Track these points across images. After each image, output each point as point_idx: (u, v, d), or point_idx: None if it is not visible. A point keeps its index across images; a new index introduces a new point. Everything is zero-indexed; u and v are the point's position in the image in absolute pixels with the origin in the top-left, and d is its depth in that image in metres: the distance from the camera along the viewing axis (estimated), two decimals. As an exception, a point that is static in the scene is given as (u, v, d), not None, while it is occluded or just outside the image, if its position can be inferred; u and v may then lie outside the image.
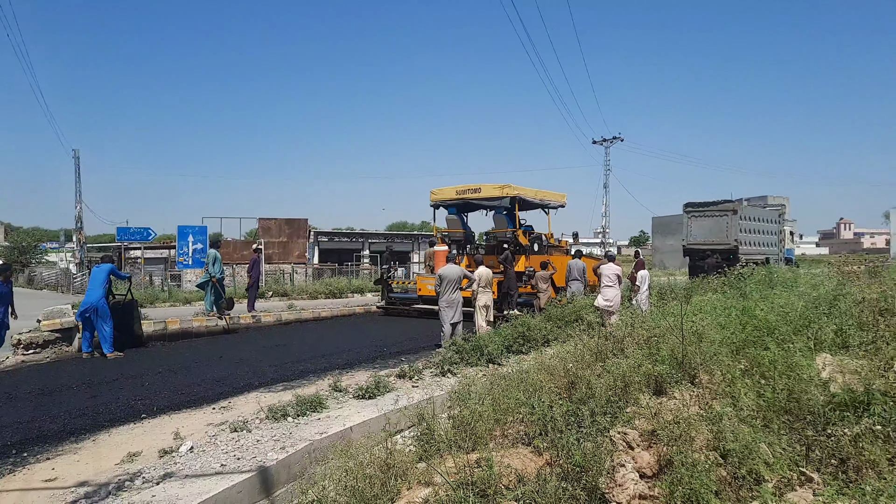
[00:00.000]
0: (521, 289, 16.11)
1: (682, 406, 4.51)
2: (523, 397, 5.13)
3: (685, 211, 25.64)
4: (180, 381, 8.64)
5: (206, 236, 21.21)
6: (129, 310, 11.83)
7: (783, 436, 4.12)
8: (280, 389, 8.07)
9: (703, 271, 18.96)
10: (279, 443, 5.62)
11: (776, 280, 11.17)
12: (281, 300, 20.83)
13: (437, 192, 18.87)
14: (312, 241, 42.07)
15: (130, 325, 11.81)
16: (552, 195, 19.35)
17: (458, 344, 9.64)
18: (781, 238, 28.43)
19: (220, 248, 15.55)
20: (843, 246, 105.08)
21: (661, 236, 57.56)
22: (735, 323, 6.71)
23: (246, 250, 30.52)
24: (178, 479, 4.80)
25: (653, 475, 3.92)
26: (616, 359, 5.96)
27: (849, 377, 4.74)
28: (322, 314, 17.79)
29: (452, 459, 4.02)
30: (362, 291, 24.91)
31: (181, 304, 18.78)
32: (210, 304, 14.94)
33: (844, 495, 3.42)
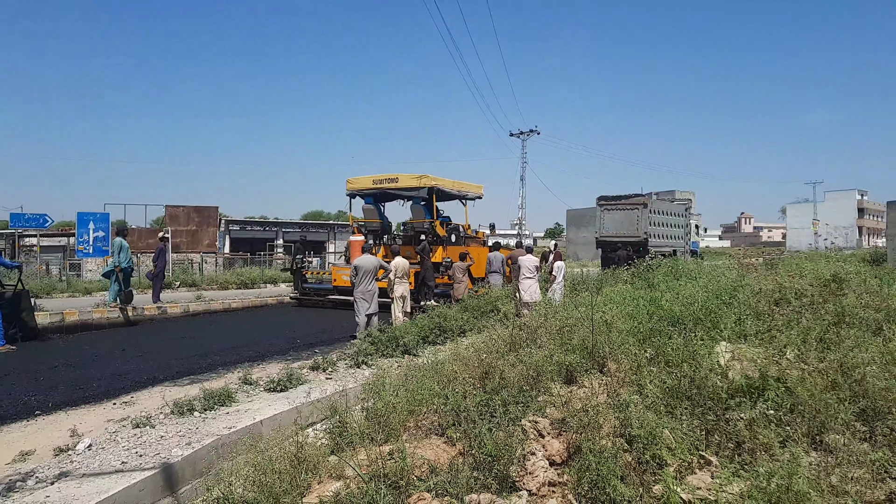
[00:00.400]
0: (438, 279, 16.17)
1: (591, 394, 4.63)
2: (438, 388, 5.14)
3: (598, 204, 26.33)
4: (78, 376, 8.24)
5: (109, 224, 20.17)
6: (19, 301, 11.16)
7: (685, 421, 4.29)
8: (186, 383, 7.81)
9: (615, 263, 19.53)
10: (185, 438, 5.44)
11: (682, 272, 11.62)
12: (189, 290, 20.13)
13: (353, 182, 18.66)
14: (223, 230, 40.92)
15: (21, 317, 11.14)
16: (470, 186, 19.50)
17: (373, 335, 9.59)
18: (688, 231, 29.62)
19: (127, 236, 14.88)
20: (743, 239, 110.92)
21: (575, 228, 59.02)
22: (642, 313, 6.93)
23: (152, 238, 29.28)
24: (75, 478, 4.57)
25: (562, 462, 4.00)
26: (529, 349, 6.05)
27: (746, 364, 4.97)
28: (233, 305, 17.35)
29: (365, 452, 3.98)
30: (276, 282, 24.43)
31: (81, 295, 17.87)
32: (114, 294, 14.31)
33: (740, 477, 3.59)
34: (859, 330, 6.00)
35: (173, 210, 33.93)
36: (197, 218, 34.34)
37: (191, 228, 33.92)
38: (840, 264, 8.72)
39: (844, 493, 3.43)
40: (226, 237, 42.25)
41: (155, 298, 15.92)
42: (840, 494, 3.40)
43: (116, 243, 14.44)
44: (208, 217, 34.98)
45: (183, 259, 30.80)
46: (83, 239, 19.68)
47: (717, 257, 29.10)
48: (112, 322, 13.71)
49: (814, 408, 4.25)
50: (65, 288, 18.65)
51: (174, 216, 33.71)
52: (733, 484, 3.50)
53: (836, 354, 5.10)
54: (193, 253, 32.72)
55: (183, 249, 32.37)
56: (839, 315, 6.50)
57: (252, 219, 50.42)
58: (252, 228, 46.37)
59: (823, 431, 4.14)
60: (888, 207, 27.08)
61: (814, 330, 5.98)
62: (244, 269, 27.92)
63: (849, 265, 8.85)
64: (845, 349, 5.19)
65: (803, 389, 4.40)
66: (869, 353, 5.05)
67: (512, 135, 55.23)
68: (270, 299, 18.91)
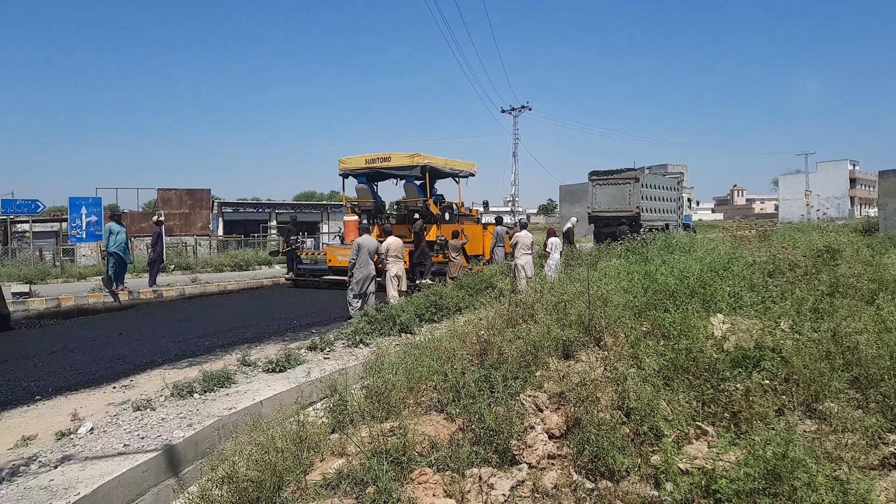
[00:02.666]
0: (434, 258, 16.19)
1: (588, 368, 4.67)
2: (436, 365, 5.18)
3: (590, 179, 26.28)
4: (77, 360, 8.25)
5: (101, 208, 20.10)
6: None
7: (682, 393, 4.34)
8: (185, 366, 7.83)
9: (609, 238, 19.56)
10: (186, 420, 5.48)
11: (675, 245, 11.66)
12: (184, 274, 20.12)
13: (345, 161, 18.58)
14: (216, 213, 40.79)
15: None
16: (462, 164, 19.43)
17: (370, 314, 9.62)
18: (680, 205, 29.68)
19: (121, 220, 14.84)
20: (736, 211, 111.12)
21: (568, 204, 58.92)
22: (638, 287, 6.98)
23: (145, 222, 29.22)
24: (78, 461, 4.60)
25: (561, 435, 4.05)
26: (526, 324, 6.09)
27: (741, 335, 5.03)
28: (228, 287, 17.36)
29: (366, 429, 4.02)
30: (270, 263, 24.43)
31: (75, 280, 17.85)
32: (117, 277, 14.34)
33: (736, 446, 3.65)
34: (852, 299, 6.07)
35: (165, 193, 33.76)
36: (189, 201, 34.20)
37: (183, 211, 33.79)
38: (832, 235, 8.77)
39: (839, 459, 3.49)
40: (219, 219, 42.12)
41: (151, 282, 15.92)
42: (835, 461, 3.45)
43: (105, 228, 14.46)
44: (201, 200, 34.84)
45: (177, 242, 30.70)
46: (76, 224, 19.59)
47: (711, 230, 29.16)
48: (108, 307, 13.70)
49: (808, 377, 4.31)
50: (59, 273, 18.62)
51: (166, 199, 33.55)
52: (730, 453, 3.55)
53: (830, 324, 5.15)
54: (187, 236, 32.63)
55: (176, 233, 32.28)
56: (832, 285, 6.57)
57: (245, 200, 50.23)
58: (245, 210, 46.23)
59: (818, 400, 4.20)
60: (880, 177, 27.06)
61: (808, 300, 6.04)
62: (238, 251, 27.89)
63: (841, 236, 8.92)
64: (839, 319, 5.25)
65: (798, 359, 4.45)
66: (862, 322, 5.10)
67: (503, 111, 55.03)
68: (266, 281, 18.91)
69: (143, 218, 31.19)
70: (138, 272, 18.44)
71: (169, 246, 26.74)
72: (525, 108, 54.01)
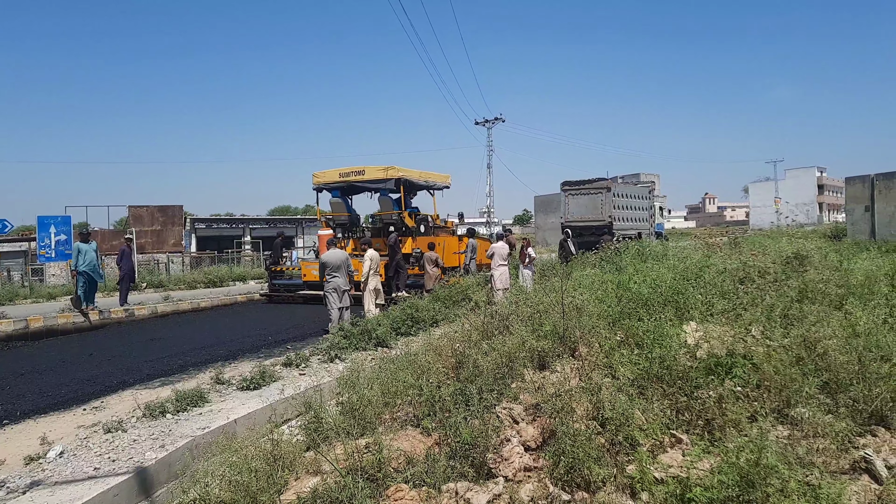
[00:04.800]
0: (410, 270, 16.16)
1: (563, 379, 4.69)
2: (412, 379, 5.16)
3: (562, 189, 26.41)
4: (46, 383, 8.08)
5: (71, 227, 19.79)
6: None
7: (656, 402, 4.37)
8: (157, 385, 7.71)
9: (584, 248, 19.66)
10: (158, 441, 5.39)
11: (648, 254, 11.77)
12: (156, 291, 19.84)
13: (319, 175, 18.53)
14: (189, 229, 40.39)
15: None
16: (437, 176, 19.47)
17: (346, 329, 9.56)
18: (652, 213, 29.92)
19: (90, 239, 14.64)
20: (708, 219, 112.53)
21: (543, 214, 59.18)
22: (612, 296, 7.02)
23: (115, 240, 28.78)
24: (47, 486, 4.51)
25: (537, 447, 4.05)
26: (502, 336, 6.09)
27: (713, 343, 5.08)
28: (202, 304, 17.14)
29: (341, 446, 3.99)
30: (244, 279, 24.21)
31: (45, 300, 17.52)
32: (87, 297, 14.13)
33: (710, 453, 3.68)
34: (821, 305, 6.16)
35: (137, 210, 33.33)
36: (161, 217, 33.78)
37: (155, 228, 33.36)
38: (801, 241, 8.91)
39: (811, 464, 3.53)
40: (192, 236, 41.70)
41: (122, 301, 15.67)
42: (807, 466, 3.50)
43: (74, 247, 14.32)
44: (173, 216, 34.43)
45: (149, 260, 30.30)
46: (45, 243, 19.27)
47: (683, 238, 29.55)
48: (78, 327, 13.45)
49: (779, 383, 4.36)
50: (28, 294, 18.27)
51: (138, 216, 33.12)
52: (704, 460, 3.58)
53: (800, 330, 5.22)
54: (159, 253, 32.20)
55: (148, 250, 31.84)
56: (802, 291, 6.66)
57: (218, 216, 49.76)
58: (218, 226, 45.81)
59: (789, 405, 4.25)
60: (846, 183, 27.65)
61: (777, 307, 6.12)
62: (212, 267, 27.61)
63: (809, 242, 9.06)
64: (808, 324, 5.32)
65: (769, 365, 4.50)
66: (831, 327, 5.18)
67: (477, 123, 55.26)
68: (240, 297, 18.71)
69: (114, 236, 30.73)
70: (109, 291, 18.16)
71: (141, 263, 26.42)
72: (499, 119, 54.32)
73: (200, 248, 41.02)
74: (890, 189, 24.87)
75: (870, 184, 25.66)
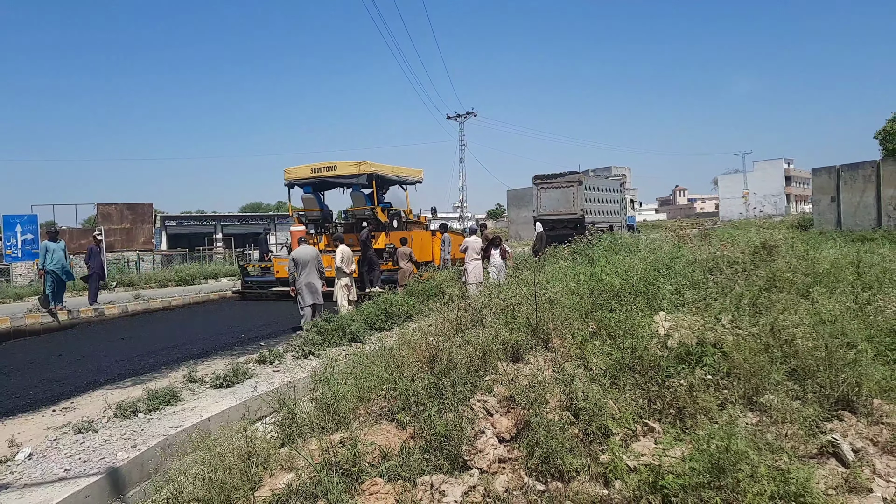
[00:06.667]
0: (383, 265, 16.13)
1: (537, 370, 4.71)
2: (386, 374, 5.16)
3: (534, 183, 26.50)
4: (14, 384, 7.94)
5: (38, 225, 19.46)
6: None
7: (628, 391, 4.42)
8: (129, 385, 7.61)
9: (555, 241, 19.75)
10: (130, 441, 5.33)
11: (620, 246, 11.86)
12: (126, 290, 19.53)
13: (291, 171, 18.41)
14: (159, 227, 39.89)
15: None
16: (409, 171, 19.46)
17: (319, 325, 9.51)
18: (623, 206, 30.18)
19: (58, 238, 14.40)
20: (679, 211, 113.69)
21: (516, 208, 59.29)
22: (584, 288, 7.07)
23: (84, 239, 28.26)
24: (16, 489, 4.43)
25: (511, 438, 4.07)
26: (475, 329, 6.10)
27: (683, 332, 5.13)
28: (173, 303, 16.96)
29: (316, 442, 3.97)
30: (216, 276, 23.97)
31: (11, 301, 17.16)
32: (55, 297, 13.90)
33: (682, 441, 3.72)
34: (788, 294, 6.26)
35: (105, 208, 32.81)
36: (131, 215, 33.31)
37: (125, 227, 32.88)
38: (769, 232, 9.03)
39: (780, 449, 3.59)
40: (162, 234, 41.19)
41: (91, 300, 15.42)
42: (776, 451, 3.56)
43: (41, 246, 14.13)
44: (142, 214, 33.97)
45: (118, 258, 29.80)
46: (10, 242, 18.93)
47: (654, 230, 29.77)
48: (47, 327, 13.23)
49: (749, 370, 4.43)
50: (-7, 294, 17.86)
51: (106, 215, 32.60)
52: (676, 448, 3.63)
53: (768, 318, 5.30)
54: (129, 251, 31.71)
55: (118, 248, 31.36)
56: (770, 280, 6.76)
57: (189, 213, 49.21)
58: (189, 223, 45.34)
59: (758, 392, 4.32)
60: (813, 174, 28.11)
61: (746, 296, 6.21)
62: (183, 265, 27.29)
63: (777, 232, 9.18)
64: (776, 312, 5.41)
65: (738, 353, 4.57)
66: (798, 315, 5.27)
67: (449, 118, 55.31)
68: (212, 295, 18.54)
69: (82, 234, 30.19)
70: (78, 290, 17.85)
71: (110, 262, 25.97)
72: (470, 114, 54.42)
73: (171, 245, 40.53)
74: (855, 180, 25.37)
75: (836, 175, 26.14)
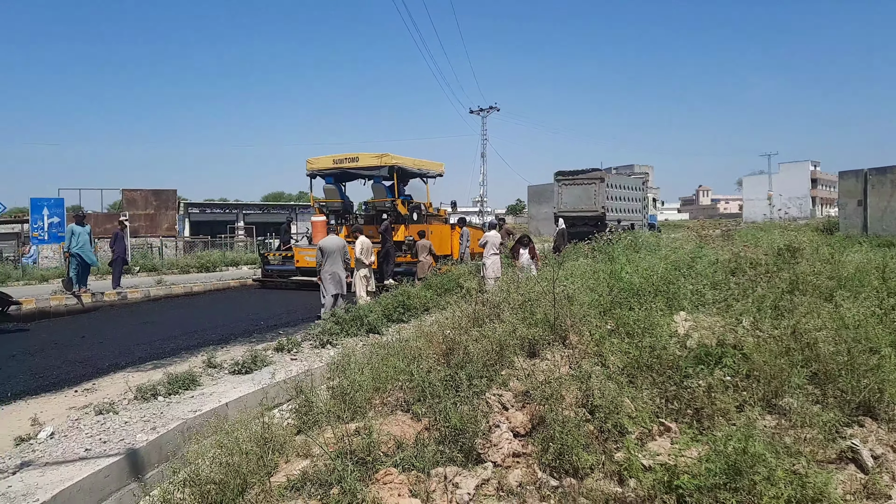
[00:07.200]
0: (402, 258, 16.17)
1: (553, 367, 4.70)
2: (402, 365, 5.17)
3: (556, 179, 26.43)
4: (38, 364, 8.08)
5: (64, 209, 19.75)
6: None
7: (645, 390, 4.39)
8: (149, 368, 7.71)
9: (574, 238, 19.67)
10: (149, 423, 5.39)
11: (640, 245, 11.79)
12: (149, 275, 19.77)
13: (313, 162, 18.48)
14: (182, 213, 40.26)
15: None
16: (430, 164, 19.46)
17: (338, 315, 9.57)
18: (645, 205, 30.00)
19: (84, 222, 14.61)
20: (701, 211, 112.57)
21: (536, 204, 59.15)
22: (603, 286, 7.04)
23: (109, 224, 28.62)
24: (38, 466, 4.50)
25: (526, 433, 4.07)
26: (493, 323, 6.10)
27: (703, 333, 5.09)
28: (194, 289, 17.13)
29: (331, 430, 3.99)
30: (237, 264, 24.18)
31: (37, 282, 17.43)
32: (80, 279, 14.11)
33: (698, 442, 3.70)
34: (812, 297, 6.18)
35: (130, 194, 33.19)
36: (155, 202, 33.67)
37: (149, 212, 33.25)
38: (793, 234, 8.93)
39: (798, 453, 3.55)
40: (185, 220, 41.57)
41: (115, 284, 15.63)
42: (794, 455, 3.52)
43: (67, 229, 14.29)
44: (167, 200, 34.32)
45: (142, 244, 30.19)
46: (37, 225, 19.23)
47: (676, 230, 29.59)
48: (71, 309, 13.42)
49: (768, 373, 4.38)
50: (20, 276, 18.16)
51: (131, 200, 32.98)
52: (692, 448, 3.60)
53: (790, 321, 5.24)
54: (153, 237, 32.11)
55: (142, 234, 31.74)
56: (792, 283, 6.68)
57: (211, 201, 49.59)
58: (212, 211, 45.72)
59: (778, 395, 4.28)
60: (840, 177, 27.66)
61: (768, 298, 6.14)
62: (205, 252, 27.56)
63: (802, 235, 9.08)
64: (798, 316, 5.34)
65: (758, 355, 4.52)
66: (821, 318, 5.20)
67: (472, 112, 55.15)
68: (233, 282, 18.70)
69: (107, 219, 30.58)
70: (102, 274, 18.09)
71: (134, 247, 26.33)
72: (493, 108, 54.21)
73: (194, 232, 40.91)
74: (883, 184, 24.90)
75: (863, 178, 25.68)
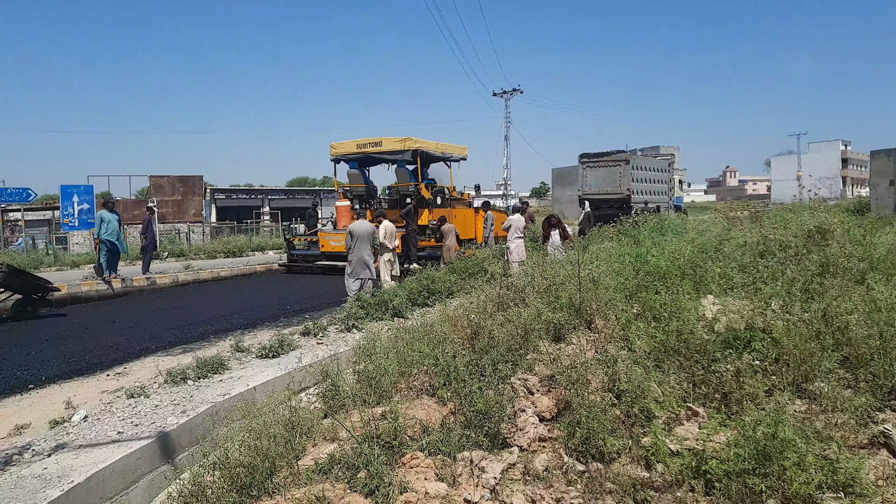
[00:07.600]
0: (423, 242, 16.19)
1: (579, 351, 4.68)
2: (427, 349, 5.18)
3: (580, 162, 26.21)
4: (70, 349, 8.22)
5: (93, 196, 20.03)
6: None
7: (672, 375, 4.36)
8: (179, 352, 7.81)
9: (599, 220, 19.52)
10: (179, 407, 5.47)
11: (667, 227, 11.67)
12: (177, 261, 20.06)
13: (337, 147, 18.51)
14: (209, 199, 40.61)
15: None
16: (454, 148, 19.38)
17: (363, 299, 9.61)
18: (671, 186, 29.65)
19: (114, 209, 14.82)
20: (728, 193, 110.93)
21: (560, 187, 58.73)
22: (629, 269, 6.98)
23: (137, 210, 29.02)
24: (72, 449, 4.59)
25: (552, 418, 4.06)
26: (517, 308, 6.08)
27: (731, 317, 5.03)
28: (221, 274, 17.32)
29: (358, 414, 4.02)
30: (263, 249, 24.39)
31: (68, 268, 17.76)
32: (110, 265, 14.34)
33: (726, 427, 3.67)
34: (843, 280, 6.07)
35: (158, 180, 33.56)
36: (182, 188, 34.01)
37: (176, 198, 33.60)
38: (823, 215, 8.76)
39: (829, 438, 3.51)
40: (212, 206, 41.93)
41: (144, 269, 15.87)
42: (824, 440, 3.48)
43: (97, 216, 14.52)
44: (193, 186, 34.65)
45: (170, 229, 30.55)
46: (68, 212, 19.53)
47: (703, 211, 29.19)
48: (101, 294, 13.66)
49: (798, 357, 4.32)
50: (52, 262, 18.50)
51: (159, 186, 33.36)
52: (720, 433, 3.57)
53: (820, 304, 5.16)
54: (180, 223, 32.47)
55: (169, 220, 32.12)
56: (823, 265, 6.56)
57: (237, 187, 50.06)
58: (238, 197, 46.06)
59: (808, 380, 4.22)
60: (871, 157, 27.10)
61: (798, 281, 6.04)
62: (231, 237, 27.83)
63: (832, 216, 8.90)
64: (829, 299, 5.25)
65: (788, 339, 4.46)
66: (852, 302, 5.11)
67: (495, 94, 54.85)
68: (259, 267, 18.88)
69: (135, 205, 30.97)
70: (131, 260, 18.37)
71: (162, 233, 26.66)
72: (517, 90, 53.84)
73: (220, 218, 41.26)
74: (916, 163, 24.36)
75: (895, 158, 25.13)
